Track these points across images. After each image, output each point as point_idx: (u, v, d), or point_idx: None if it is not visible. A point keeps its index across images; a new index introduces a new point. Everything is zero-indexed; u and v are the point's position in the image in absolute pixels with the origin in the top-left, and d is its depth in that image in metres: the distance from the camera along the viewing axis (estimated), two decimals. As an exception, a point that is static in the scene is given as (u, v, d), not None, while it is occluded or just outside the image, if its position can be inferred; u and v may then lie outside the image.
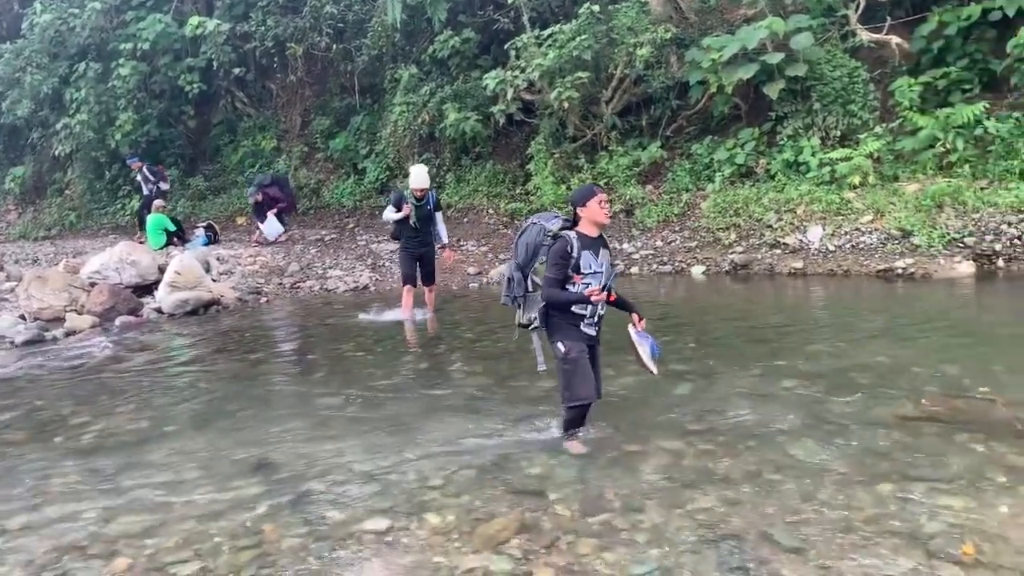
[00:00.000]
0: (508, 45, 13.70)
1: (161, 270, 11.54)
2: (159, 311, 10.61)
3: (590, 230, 4.72)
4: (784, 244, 11.28)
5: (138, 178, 16.46)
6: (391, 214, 9.36)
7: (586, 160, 13.89)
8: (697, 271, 11.44)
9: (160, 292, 10.82)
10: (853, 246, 10.75)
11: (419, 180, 9.21)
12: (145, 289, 11.41)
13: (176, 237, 14.71)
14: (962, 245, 10.01)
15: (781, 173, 12.12)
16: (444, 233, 9.64)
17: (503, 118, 13.83)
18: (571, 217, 4.82)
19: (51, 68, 19.13)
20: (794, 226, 11.37)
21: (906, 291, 9.46)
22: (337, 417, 5.92)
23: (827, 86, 12.24)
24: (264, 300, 11.64)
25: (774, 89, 12.17)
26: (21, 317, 10.20)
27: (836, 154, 11.67)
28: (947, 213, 10.31)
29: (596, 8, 12.78)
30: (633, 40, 12.85)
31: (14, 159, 22.52)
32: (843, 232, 10.92)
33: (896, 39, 12.27)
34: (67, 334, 9.54)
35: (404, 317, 9.39)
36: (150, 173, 16.08)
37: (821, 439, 4.74)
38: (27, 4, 19.72)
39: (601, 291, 4.60)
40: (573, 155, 14.05)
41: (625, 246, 12.30)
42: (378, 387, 6.72)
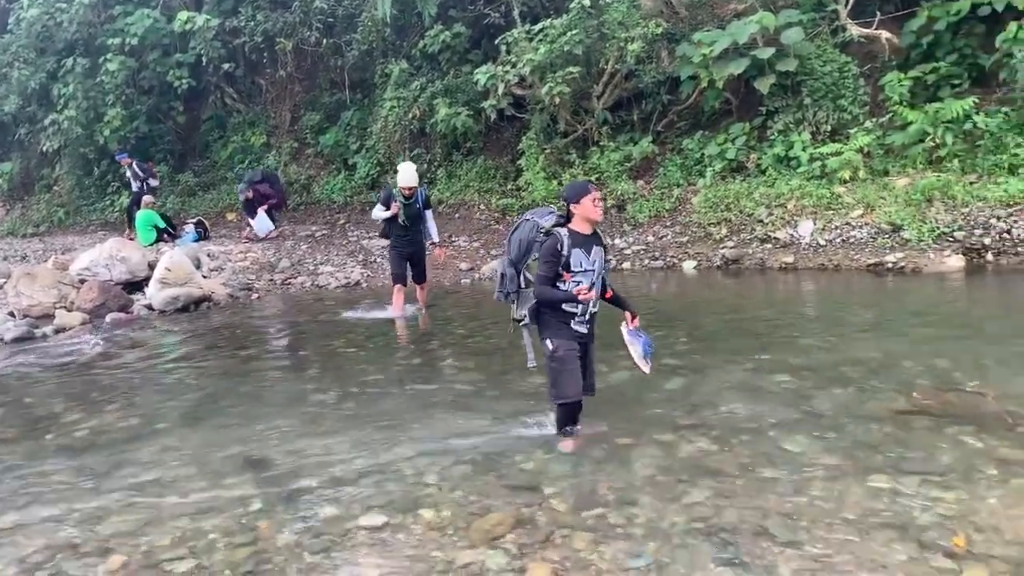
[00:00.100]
0: (499, 40, 13.68)
1: (151, 266, 11.48)
2: (149, 308, 10.56)
3: (582, 227, 4.70)
4: (775, 239, 11.32)
5: (127, 174, 16.37)
6: (380, 212, 9.26)
7: (577, 155, 13.89)
8: (688, 266, 11.46)
9: (150, 288, 10.77)
10: (843, 240, 10.79)
11: (407, 178, 9.07)
12: (135, 286, 11.36)
13: (166, 233, 14.64)
14: (951, 239, 10.07)
15: (772, 168, 12.16)
16: (434, 231, 9.55)
17: (494, 113, 13.81)
18: (565, 213, 4.81)
19: (38, 63, 19.00)
20: (785, 221, 11.41)
21: (896, 285, 9.50)
22: (330, 413, 5.92)
23: (817, 81, 12.28)
24: (255, 296, 11.60)
25: (765, 84, 12.20)
26: (10, 314, 10.15)
27: (826, 149, 11.72)
28: (937, 207, 10.36)
29: (587, 3, 12.76)
30: (624, 35, 12.85)
31: (1, 155, 22.36)
32: (833, 226, 10.97)
33: (886, 34, 12.31)
34: (57, 331, 9.49)
35: (395, 315, 9.35)
36: (139, 170, 16.00)
37: (813, 433, 4.77)
38: (13, -1, 19.60)
39: (589, 290, 4.60)
40: (564, 150, 14.05)
41: (617, 241, 12.32)
42: (371, 383, 6.71)
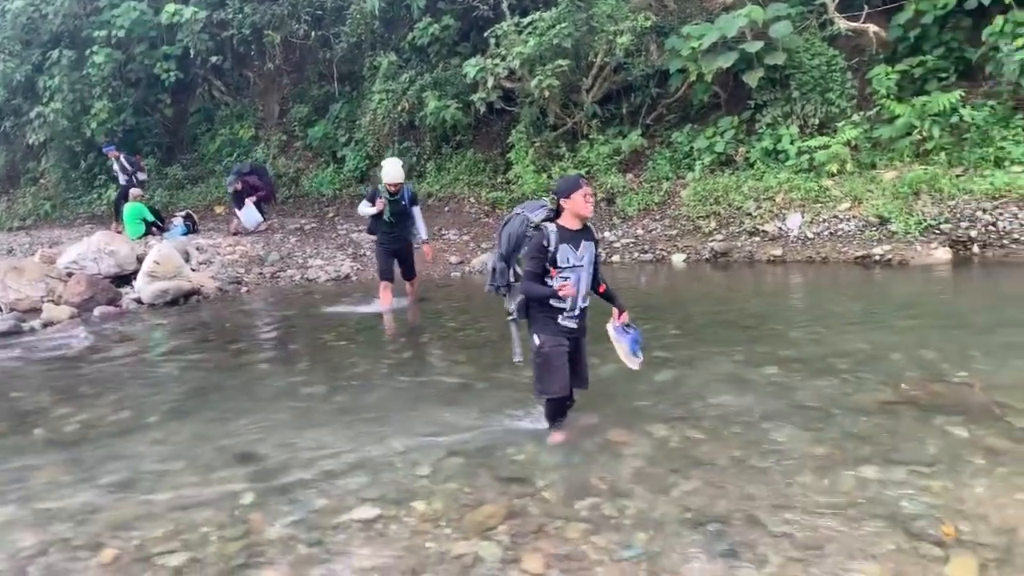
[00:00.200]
0: (488, 32, 13.65)
1: (139, 260, 11.43)
2: (138, 301, 10.52)
3: (571, 222, 4.67)
4: (763, 232, 11.36)
5: (114, 167, 16.25)
6: (365, 209, 9.15)
7: (567, 149, 13.89)
8: (678, 259, 11.49)
9: (139, 282, 10.72)
10: (831, 233, 10.84)
11: (392, 175, 8.94)
12: (124, 279, 11.31)
13: (154, 227, 14.56)
14: (938, 232, 10.13)
15: (760, 161, 12.20)
16: (423, 229, 9.39)
17: (483, 106, 13.78)
18: (555, 207, 4.80)
19: (24, 56, 18.85)
20: (773, 214, 11.45)
21: (884, 277, 9.56)
22: (321, 406, 5.92)
23: (806, 74, 12.31)
24: (244, 290, 11.57)
25: (753, 77, 12.22)
26: (-3, 308, 10.08)
27: (814, 142, 11.76)
28: (923, 200, 10.42)
29: (576, -5, 12.76)
30: (613, 28, 12.84)
31: (-13, 148, 22.21)
32: (821, 219, 11.02)
33: (873, 27, 12.36)
34: (45, 325, 9.44)
35: (383, 310, 9.27)
36: (127, 163, 15.88)
37: (803, 424, 4.81)
38: (-2, -9, 19.41)
39: (576, 285, 4.60)
40: (554, 144, 14.05)
41: (606, 234, 12.34)
42: (362, 376, 6.71)
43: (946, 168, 10.67)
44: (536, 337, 4.74)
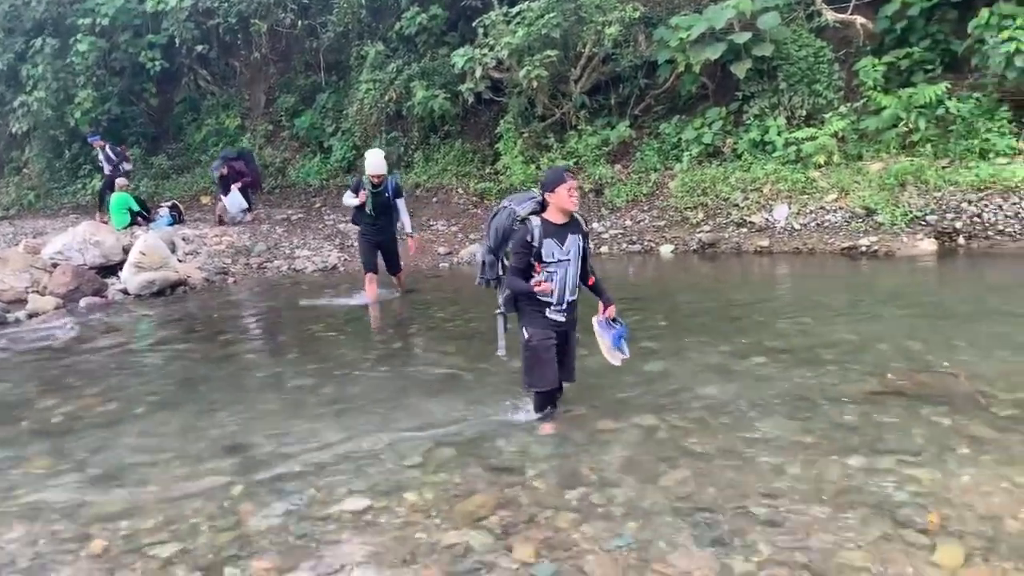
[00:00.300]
0: (476, 22, 13.59)
1: (125, 250, 11.35)
2: (125, 292, 10.44)
3: (556, 216, 4.66)
4: (751, 223, 11.40)
5: (100, 157, 16.11)
6: (349, 200, 9.04)
7: (555, 139, 13.87)
8: (666, 250, 11.52)
9: (125, 273, 10.65)
10: (818, 224, 10.90)
11: (375, 166, 8.76)
12: (109, 270, 11.23)
13: (140, 217, 14.46)
14: (924, 223, 10.21)
15: (748, 152, 12.22)
16: (408, 222, 9.27)
17: (471, 96, 13.74)
18: (541, 200, 4.77)
19: (6, 44, 18.66)
20: (760, 205, 11.49)
21: (870, 268, 9.62)
22: (310, 398, 5.91)
23: (793, 66, 12.34)
24: (231, 280, 11.51)
25: (741, 68, 12.24)
26: (-19, 299, 10.00)
27: (801, 133, 11.80)
28: (909, 192, 10.49)
29: (564, -15, 12.72)
30: (601, 18, 12.81)
31: (-31, 137, 21.95)
32: (808, 211, 11.07)
33: (860, 19, 12.39)
34: (30, 316, 9.37)
35: (368, 302, 9.22)
36: (112, 153, 15.74)
37: (790, 414, 4.85)
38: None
39: (563, 279, 4.61)
40: (542, 134, 14.02)
41: (595, 225, 12.33)
42: (350, 368, 6.70)
43: (932, 160, 10.74)
44: (524, 330, 4.75)
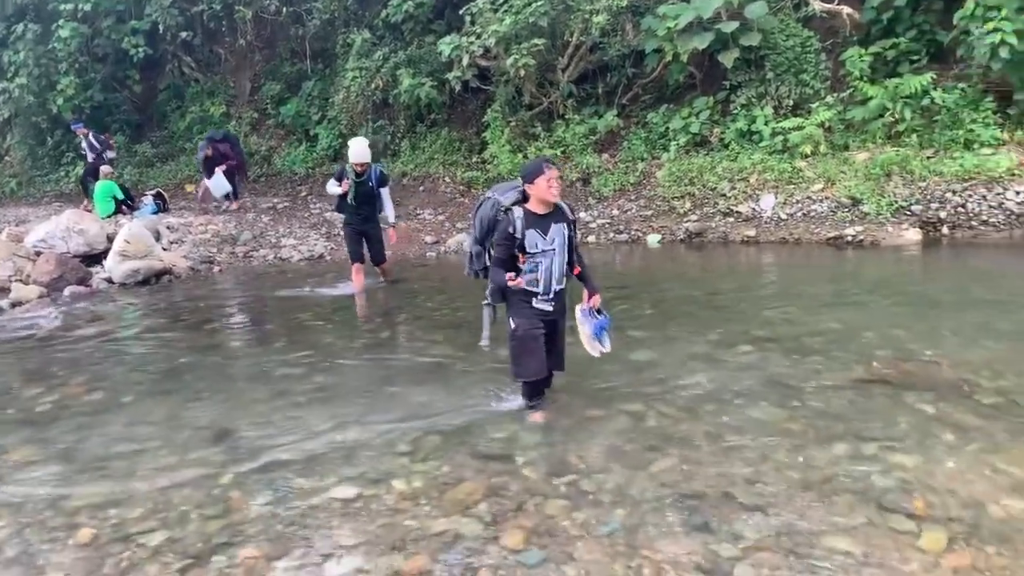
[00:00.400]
0: (463, 10, 13.53)
1: (109, 239, 11.26)
2: (109, 281, 10.38)
3: (538, 207, 4.63)
4: (737, 212, 11.44)
5: (83, 145, 15.95)
6: (332, 188, 8.94)
7: (543, 128, 13.86)
8: (653, 240, 11.54)
9: (109, 261, 10.57)
10: (804, 214, 10.95)
11: (358, 154, 8.66)
12: (93, 258, 11.14)
13: (124, 205, 14.34)
14: (909, 213, 10.28)
15: (735, 142, 12.26)
16: (391, 211, 9.18)
17: (458, 85, 13.70)
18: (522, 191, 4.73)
19: (-13, 29, 18.42)
20: (747, 195, 11.53)
21: (856, 258, 9.69)
22: (298, 386, 5.88)
23: (780, 55, 12.37)
24: (217, 269, 11.46)
25: (729, 58, 12.26)
26: (-36, 288, 9.90)
27: (788, 123, 11.84)
28: (895, 181, 10.56)
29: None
30: (589, 7, 12.79)
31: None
32: (795, 200, 11.12)
33: (847, 9, 12.41)
34: (13, 305, 9.28)
35: (355, 292, 9.18)
36: (96, 141, 15.59)
37: (777, 402, 4.88)
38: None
39: (548, 270, 4.61)
40: (529, 123, 14.00)
41: (582, 215, 12.35)
42: (339, 356, 6.69)
43: (917, 150, 10.81)
44: (511, 320, 4.75)
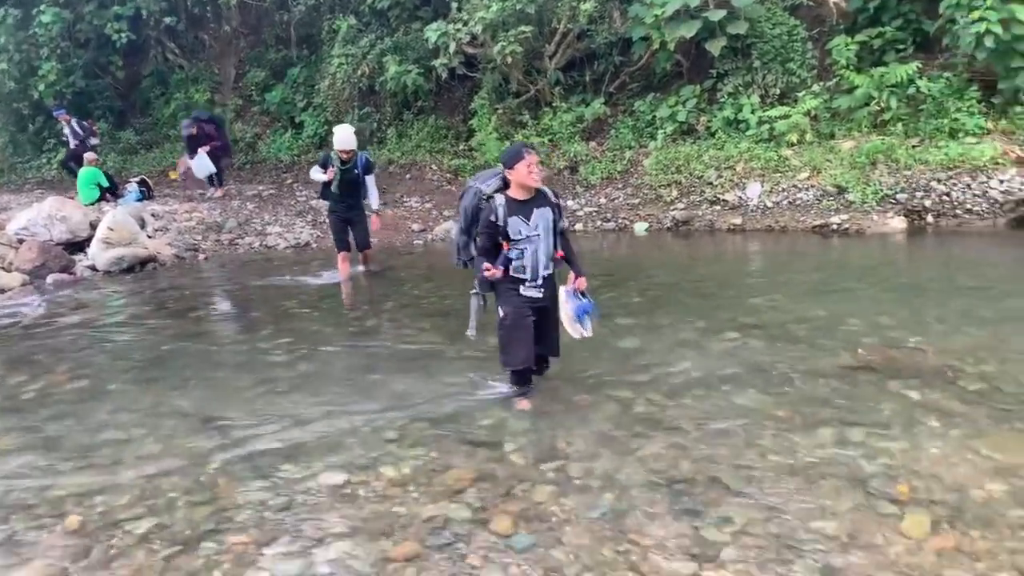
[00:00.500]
0: (450, -3, 13.48)
1: (93, 226, 11.17)
2: (93, 268, 10.30)
3: (519, 193, 4.63)
4: (724, 201, 11.47)
5: (65, 131, 15.78)
6: (316, 175, 8.86)
7: (530, 116, 13.83)
8: (640, 228, 11.56)
9: (93, 249, 10.49)
10: (790, 202, 10.99)
11: (344, 141, 8.59)
12: (76, 246, 11.05)
13: (108, 192, 14.21)
14: (894, 201, 10.33)
15: (721, 131, 12.28)
16: (375, 198, 9.11)
17: (445, 72, 13.64)
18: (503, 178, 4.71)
19: (-34, 14, 18.12)
20: (733, 183, 11.55)
21: (841, 246, 9.74)
22: (285, 374, 5.87)
23: (767, 44, 12.38)
24: (202, 257, 11.40)
25: (716, 46, 12.25)
26: (-55, 275, 9.80)
27: (775, 112, 11.86)
28: (880, 170, 10.60)
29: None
30: (576, -6, 12.76)
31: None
32: (781, 189, 11.15)
33: (834, -2, 12.46)
34: (-4, 293, 9.22)
35: (341, 280, 9.14)
36: (79, 127, 15.42)
37: (763, 388, 4.91)
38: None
39: (534, 255, 4.60)
40: (516, 111, 13.97)
41: (570, 203, 12.34)
42: (325, 344, 6.67)
43: (902, 139, 10.86)
44: (500, 309, 4.76)
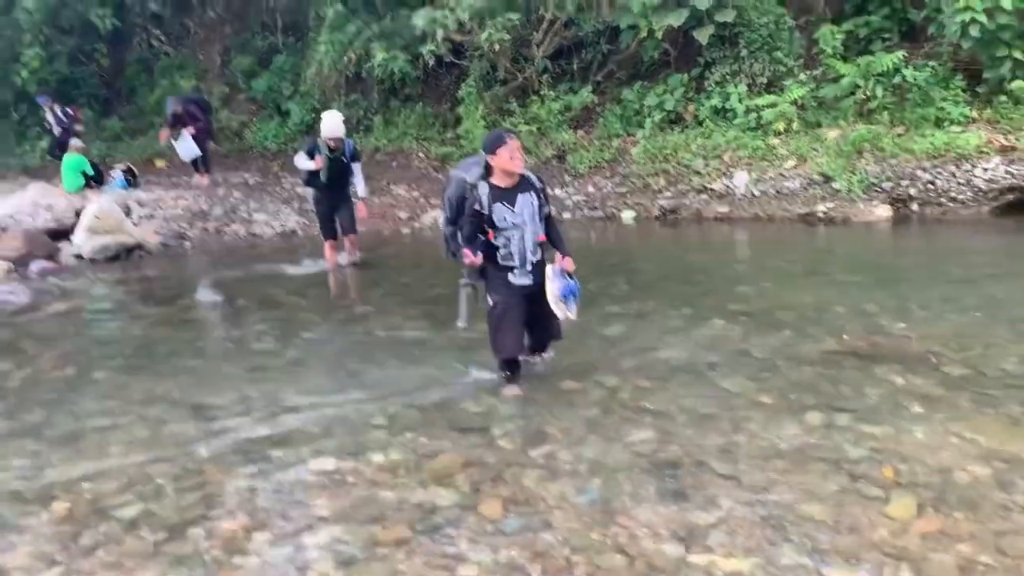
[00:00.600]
0: (437, -17, 13.40)
1: (77, 214, 11.09)
2: (78, 256, 10.23)
3: (503, 180, 4.57)
4: (711, 190, 11.50)
5: (48, 118, 15.61)
6: (302, 163, 8.65)
7: (517, 104, 13.80)
8: (628, 216, 11.58)
9: (79, 237, 10.41)
10: (777, 191, 11.03)
11: (332, 128, 8.41)
12: (61, 234, 10.96)
13: (93, 181, 14.07)
14: (880, 190, 10.39)
15: (709, 119, 12.29)
16: (362, 186, 8.97)
17: (432, 59, 13.58)
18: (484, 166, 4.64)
19: (-53, -1, 17.91)
20: (720, 172, 11.58)
21: (827, 234, 9.81)
22: (274, 361, 5.88)
23: (754, 33, 12.38)
24: (188, 245, 11.35)
25: (704, 35, 12.24)
26: (-72, 263, 9.71)
27: (762, 100, 11.88)
28: (866, 159, 10.65)
29: (527, -53, 12.59)
30: (564, -19, 12.73)
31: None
32: (767, 177, 11.19)
33: (821, -13, 12.48)
34: (-20, 281, 9.15)
35: (328, 268, 9.12)
36: (62, 114, 15.26)
37: (750, 374, 4.95)
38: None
39: (520, 242, 4.59)
40: (504, 99, 13.93)
41: (558, 192, 12.34)
42: (314, 331, 6.68)
43: (888, 127, 10.91)
44: (489, 297, 4.76)
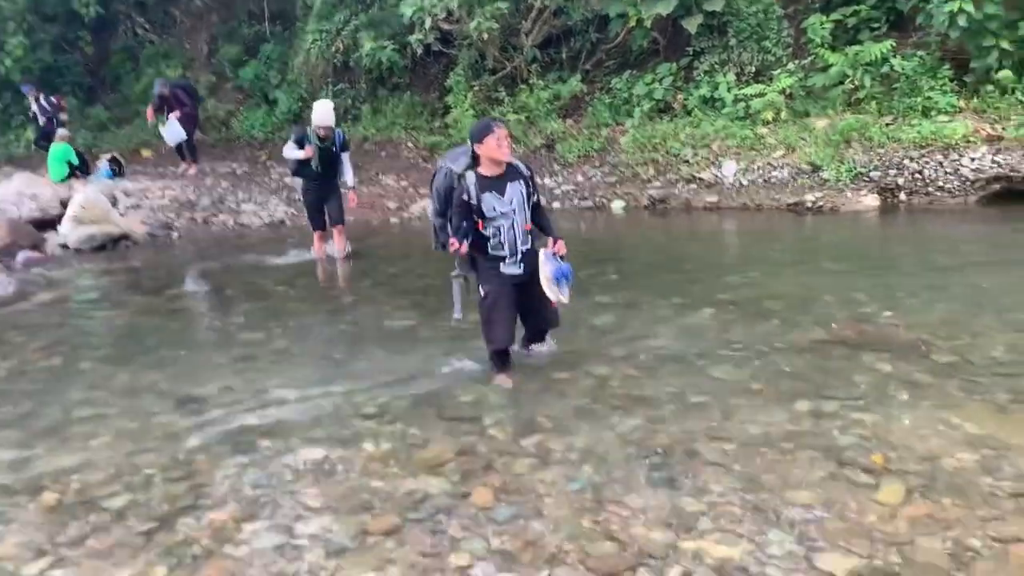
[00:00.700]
0: (425, -28, 13.31)
1: (63, 204, 11.00)
2: (64, 247, 10.16)
3: (490, 168, 4.54)
4: (700, 179, 11.50)
5: (32, 107, 15.46)
6: (291, 152, 8.59)
7: (506, 93, 13.75)
8: (617, 206, 11.58)
9: (64, 227, 10.33)
10: (765, 181, 11.05)
11: (323, 117, 8.37)
12: (47, 224, 10.87)
13: (78, 171, 13.95)
14: (868, 179, 10.42)
15: (697, 108, 12.28)
16: (350, 176, 8.95)
17: (420, 48, 13.51)
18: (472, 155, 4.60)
19: (-72, -14, 17.66)
20: (709, 161, 11.58)
21: (815, 224, 9.83)
22: (262, 351, 5.85)
23: (743, 22, 12.38)
24: (176, 235, 11.28)
25: (693, 23, 12.22)
26: (-88, 254, 9.61)
27: (750, 90, 11.88)
28: (854, 148, 10.68)
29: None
30: (553, -30, 12.68)
31: None
32: (756, 167, 11.20)
33: (809, -24, 12.47)
34: (-36, 271, 9.06)
35: (316, 258, 9.07)
36: (47, 103, 15.13)
37: (739, 362, 4.96)
38: None
39: (510, 231, 4.56)
40: (493, 88, 13.89)
41: (547, 181, 12.32)
42: (302, 321, 6.65)
43: (876, 117, 10.93)
44: (480, 288, 4.74)
